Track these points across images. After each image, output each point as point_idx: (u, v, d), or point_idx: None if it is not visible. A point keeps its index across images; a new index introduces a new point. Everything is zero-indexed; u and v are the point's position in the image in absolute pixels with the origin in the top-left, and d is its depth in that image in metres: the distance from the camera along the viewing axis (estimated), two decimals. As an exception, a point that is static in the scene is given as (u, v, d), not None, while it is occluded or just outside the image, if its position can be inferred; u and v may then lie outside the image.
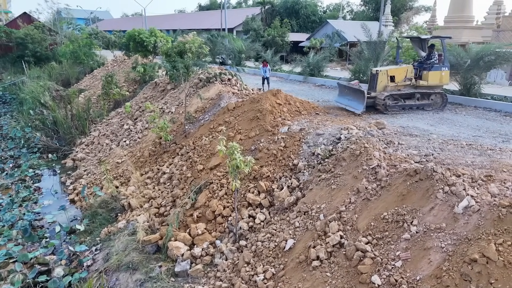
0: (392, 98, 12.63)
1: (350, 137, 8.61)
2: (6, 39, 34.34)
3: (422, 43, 14.11)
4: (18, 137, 18.73)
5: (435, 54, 13.24)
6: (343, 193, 7.09)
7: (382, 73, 12.79)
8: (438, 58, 13.14)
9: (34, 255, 9.25)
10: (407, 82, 12.97)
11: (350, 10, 65.05)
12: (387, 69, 13.10)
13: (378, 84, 12.74)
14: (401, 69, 13.06)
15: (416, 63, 13.77)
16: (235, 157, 7.19)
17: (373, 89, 12.96)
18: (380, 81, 12.76)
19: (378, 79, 12.75)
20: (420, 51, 14.13)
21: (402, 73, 12.94)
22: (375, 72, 13.05)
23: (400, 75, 12.91)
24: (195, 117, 13.10)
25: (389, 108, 12.48)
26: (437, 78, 12.94)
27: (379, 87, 12.76)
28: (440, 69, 12.93)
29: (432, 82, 12.93)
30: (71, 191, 13.14)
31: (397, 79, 12.87)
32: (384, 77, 12.79)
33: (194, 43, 16.42)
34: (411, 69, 13.05)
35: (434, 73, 12.88)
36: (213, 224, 8.48)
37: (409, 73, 12.96)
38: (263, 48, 33.56)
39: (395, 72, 12.91)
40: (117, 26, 58.78)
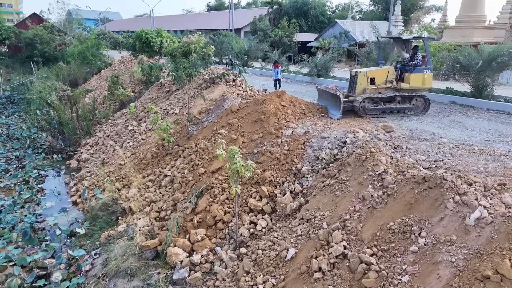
0: (372, 101, 11.99)
1: (356, 141, 8.29)
2: (15, 39, 34.62)
3: (405, 44, 13.43)
4: (24, 138, 18.75)
5: (418, 56, 12.62)
6: (348, 200, 6.78)
7: (362, 75, 12.17)
8: (422, 60, 12.54)
9: (33, 259, 9.11)
10: (388, 85, 12.34)
11: (359, 10, 64.44)
12: (366, 70, 12.48)
13: (357, 87, 12.12)
14: (381, 70, 12.44)
15: (399, 65, 13.16)
16: (235, 162, 6.93)
17: (352, 91, 12.35)
18: (360, 83, 12.13)
19: (358, 81, 12.13)
20: (403, 52, 13.44)
21: (383, 75, 12.33)
22: (354, 73, 12.44)
23: (380, 77, 12.30)
24: (199, 119, 12.89)
25: (368, 111, 11.85)
26: (419, 81, 12.31)
27: (358, 90, 12.14)
28: (422, 72, 12.31)
29: (414, 85, 12.29)
30: (74, 192, 13.02)
31: (378, 81, 12.26)
32: (364, 79, 12.16)
33: (199, 44, 16.20)
34: (392, 71, 12.43)
35: (416, 75, 12.25)
36: (214, 230, 8.23)
37: (390, 75, 12.33)
38: (270, 48, 33.27)
39: (376, 74, 12.29)
40: (126, 26, 58.99)
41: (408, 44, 13.38)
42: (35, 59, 33.78)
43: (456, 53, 15.81)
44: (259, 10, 56.50)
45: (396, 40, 14.18)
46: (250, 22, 46.83)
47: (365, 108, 11.80)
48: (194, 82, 14.72)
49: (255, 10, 58.88)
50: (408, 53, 13.20)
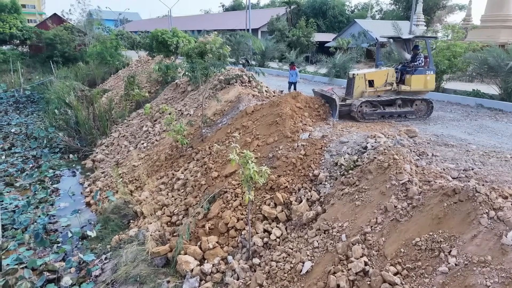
0: (370, 105, 11.29)
1: (378, 147, 7.80)
2: (36, 39, 35.25)
3: (406, 44, 12.66)
4: (41, 137, 18.91)
5: (420, 56, 11.85)
6: (369, 211, 6.32)
7: (359, 77, 11.47)
8: (424, 61, 11.79)
9: (43, 261, 9.00)
10: (388, 87, 11.62)
11: (379, 9, 63.17)
12: (365, 72, 11.80)
13: (354, 90, 11.44)
14: (381, 72, 11.71)
15: (400, 66, 12.41)
16: (248, 167, 6.57)
17: (350, 94, 11.67)
18: (357, 86, 11.44)
19: (355, 83, 11.45)
20: (404, 52, 12.64)
21: (382, 77, 11.60)
22: (351, 75, 11.76)
23: (379, 79, 11.59)
24: (213, 120, 12.60)
25: (366, 116, 11.16)
26: (421, 83, 11.58)
27: (356, 93, 11.46)
28: (424, 73, 11.54)
29: (416, 87, 11.57)
30: (88, 193, 12.95)
31: (377, 83, 11.56)
32: (362, 81, 11.46)
33: (215, 44, 15.96)
34: (392, 73, 11.69)
35: (418, 77, 11.51)
36: (226, 237, 7.90)
37: (390, 77, 11.61)
38: (287, 48, 32.80)
39: (374, 76, 11.59)
40: (144, 27, 59.55)
41: (409, 44, 12.64)
42: (55, 59, 34.32)
43: (483, 54, 15.01)
44: (277, 10, 56.08)
45: (396, 40, 13.37)
46: (268, 22, 46.45)
47: (363, 113, 11.13)
48: (209, 83, 14.45)
49: (272, 10, 58.48)
50: (409, 53, 12.46)
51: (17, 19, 34.30)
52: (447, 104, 14.80)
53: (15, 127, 21.24)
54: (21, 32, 34.46)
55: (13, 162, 15.74)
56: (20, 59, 34.03)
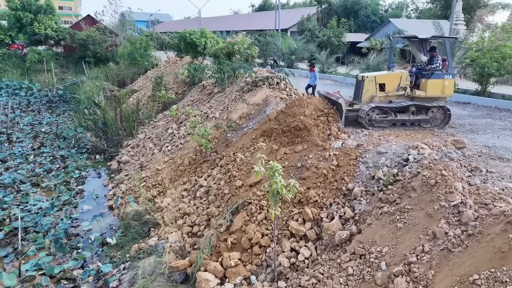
0: (380, 111, 10.19)
1: (421, 159, 6.92)
2: (70, 40, 36.11)
3: (422, 44, 11.44)
4: (70, 137, 19.05)
5: (438, 59, 10.62)
6: (413, 236, 5.50)
7: (369, 80, 10.38)
8: (442, 64, 10.57)
9: (62, 268, 8.75)
10: (401, 92, 10.49)
11: (415, 8, 60.61)
12: (375, 75, 10.65)
13: (363, 94, 10.39)
14: (393, 75, 10.58)
15: (415, 68, 11.20)
16: (275, 180, 5.90)
17: (358, 99, 10.62)
18: (367, 90, 10.36)
19: (364, 87, 10.37)
20: (420, 54, 11.44)
21: (395, 80, 10.47)
22: (360, 78, 10.67)
23: (391, 83, 10.46)
24: (239, 124, 12.02)
25: (375, 123, 10.08)
26: (438, 89, 10.34)
27: (365, 97, 10.41)
28: (442, 77, 10.31)
29: (432, 93, 10.34)
30: (111, 196, 12.70)
31: (388, 88, 10.44)
32: (372, 85, 10.37)
33: (243, 44, 15.39)
34: (406, 76, 10.53)
35: (435, 81, 10.28)
36: (249, 254, 7.26)
37: (403, 81, 10.46)
38: (317, 49, 31.84)
39: (386, 79, 10.47)
40: (175, 28, 60.13)
41: (426, 44, 11.45)
42: (87, 59, 35.00)
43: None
44: (307, 9, 55.03)
45: (411, 40, 12.12)
46: (297, 22, 45.55)
47: (372, 119, 10.09)
48: (235, 85, 13.88)
49: (302, 9, 57.48)
50: (425, 55, 11.26)
51: (52, 20, 35.25)
52: (494, 110, 13.50)
53: (46, 126, 21.58)
54: (55, 33, 35.40)
55: (41, 162, 15.84)
56: (54, 59, 34.96)
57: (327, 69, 28.03)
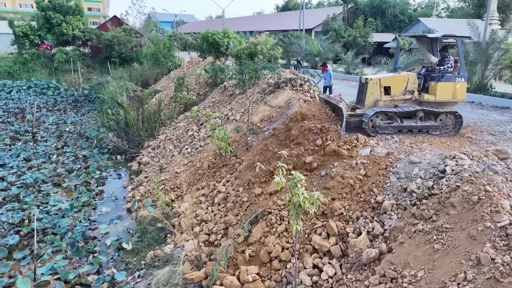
0: (385, 116, 9.33)
1: (461, 172, 6.24)
2: (96, 41, 36.79)
3: (432, 44, 10.49)
4: (92, 137, 19.17)
5: (450, 60, 9.68)
6: (453, 260, 4.87)
7: (373, 83, 9.54)
8: (454, 66, 9.64)
9: (77, 273, 8.55)
10: (408, 96, 9.63)
11: (446, 7, 58.45)
12: (379, 77, 9.81)
13: (367, 97, 9.59)
14: (399, 78, 9.72)
15: (423, 70, 10.31)
16: (297, 192, 5.41)
17: (361, 103, 9.83)
18: (370, 93, 9.55)
19: (368, 90, 9.57)
20: (430, 55, 10.51)
21: (401, 83, 9.63)
22: (364, 81, 9.86)
23: (398, 86, 9.61)
24: (260, 127, 11.57)
25: (379, 129, 9.24)
26: (448, 92, 9.42)
27: (369, 101, 9.60)
28: (453, 80, 9.37)
29: (442, 97, 9.44)
30: (130, 198, 12.54)
31: (394, 91, 9.58)
32: (376, 88, 9.52)
33: (266, 45, 14.93)
34: (413, 79, 9.66)
35: (445, 85, 9.35)
36: (268, 269, 6.79)
37: (410, 83, 9.61)
38: (343, 49, 30.98)
39: (391, 82, 9.63)
40: (199, 28, 60.42)
41: (436, 44, 10.51)
42: (112, 60, 35.53)
43: None
44: (332, 9, 54.02)
45: (420, 39, 11.19)
46: (322, 22, 44.71)
47: (375, 126, 9.27)
48: (257, 86, 13.44)
49: (327, 9, 56.50)
50: (436, 56, 10.36)
51: (80, 21, 36.02)
52: (537, 115, 12.47)
53: (70, 125, 21.87)
54: (83, 33, 36.14)
55: (63, 161, 15.93)
56: (81, 60, 35.69)
57: (352, 70, 27.19)
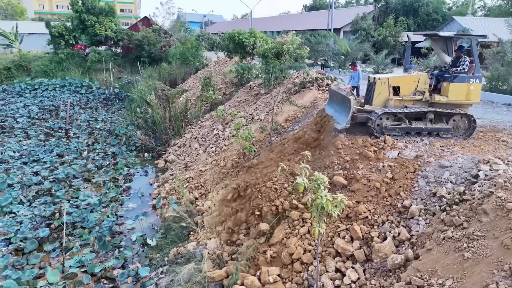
0: (393, 117, 8.91)
1: (495, 177, 5.92)
2: (127, 41, 37.81)
3: (447, 44, 9.90)
4: (121, 134, 19.69)
5: (465, 60, 9.07)
6: (484, 269, 4.62)
7: (381, 82, 9.11)
8: (470, 66, 9.01)
9: (103, 267, 8.80)
10: (418, 97, 9.12)
11: (483, 5, 55.99)
12: (388, 77, 9.40)
13: (375, 97, 9.19)
14: (409, 78, 9.24)
15: (436, 70, 9.74)
16: (320, 195, 5.29)
17: (369, 102, 9.44)
18: (378, 93, 9.13)
19: (376, 90, 9.16)
20: (444, 54, 9.93)
21: (411, 83, 9.15)
22: (372, 80, 9.45)
23: (407, 87, 9.14)
24: (284, 127, 11.48)
25: (386, 131, 8.81)
26: (461, 94, 8.86)
27: (377, 101, 9.20)
28: (467, 81, 8.80)
29: (454, 99, 8.89)
30: (156, 195, 12.77)
31: (403, 91, 9.12)
32: (384, 87, 9.10)
33: (292, 44, 14.76)
34: (424, 79, 9.13)
35: (458, 85, 8.80)
36: (289, 271, 6.70)
37: (421, 84, 9.09)
38: (372, 49, 30.28)
39: (401, 82, 9.18)
40: (226, 28, 60.94)
41: (451, 44, 9.92)
42: (142, 59, 36.40)
43: None
44: (361, 8, 52.96)
45: (434, 38, 10.63)
46: (351, 21, 43.91)
47: (382, 126, 8.87)
48: (282, 86, 13.32)
49: (356, 8, 55.46)
50: (450, 55, 9.77)
51: (113, 21, 37.14)
52: None
53: (101, 123, 22.57)
54: (115, 34, 37.24)
55: (93, 157, 16.46)
56: (112, 59, 36.81)
57: (382, 71, 26.54)
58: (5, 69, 34.83)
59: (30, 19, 67.90)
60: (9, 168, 14.49)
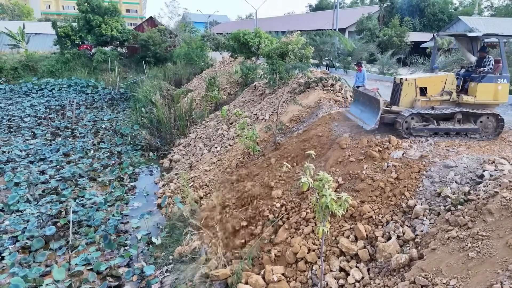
0: (421, 118, 8.90)
1: (500, 177, 5.91)
2: (133, 41, 38.00)
3: (472, 43, 9.89)
4: (127, 134, 19.81)
5: (489, 60, 9.10)
6: (489, 269, 4.61)
7: (408, 83, 9.13)
8: (495, 66, 9.00)
9: (109, 265, 8.87)
10: (445, 97, 9.12)
11: (489, 5, 55.59)
12: (415, 77, 9.39)
13: (401, 98, 9.21)
14: (436, 78, 9.24)
15: (463, 71, 9.74)
16: (325, 194, 5.32)
17: (395, 103, 9.48)
18: (405, 94, 9.17)
19: (402, 90, 9.18)
20: (469, 54, 9.93)
21: (438, 84, 9.16)
22: (398, 81, 9.47)
23: (435, 87, 9.16)
24: (289, 127, 11.50)
25: (414, 131, 8.83)
26: (489, 94, 8.87)
27: (404, 102, 9.23)
28: (495, 81, 8.80)
29: (482, 99, 8.90)
30: (161, 194, 12.85)
31: (431, 91, 9.14)
32: (411, 88, 9.13)
33: (297, 44, 14.78)
34: (452, 79, 9.14)
35: (486, 86, 8.81)
36: (294, 270, 6.73)
37: (448, 84, 9.10)
38: (377, 49, 30.19)
39: (428, 82, 9.19)
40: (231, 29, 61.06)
41: (477, 44, 9.93)
42: (147, 59, 36.56)
43: None
44: (366, 8, 52.84)
45: (459, 38, 10.59)
46: (356, 22, 43.82)
47: (410, 127, 8.88)
48: (287, 86, 13.35)
49: (361, 9, 55.33)
50: (475, 55, 9.79)
51: (118, 22, 37.35)
52: None
53: (106, 122, 22.72)
54: (120, 34, 37.45)
55: (99, 157, 16.57)
56: (118, 59, 37.02)
57: (387, 71, 26.48)
58: (12, 69, 35.15)
59: (37, 19, 68.46)
60: (16, 167, 14.65)
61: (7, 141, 18.11)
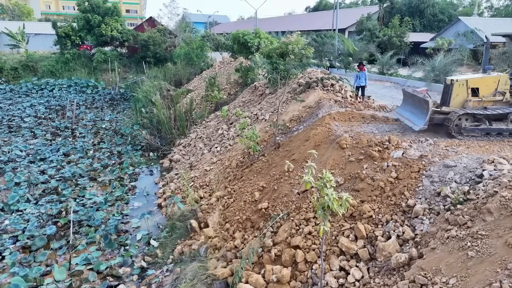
0: (473, 118, 8.95)
1: (499, 177, 5.93)
2: (133, 41, 37.99)
3: None
4: (127, 134, 19.82)
5: None
6: (488, 268, 4.63)
7: (460, 84, 9.18)
8: None
9: (109, 265, 8.88)
10: (498, 98, 9.16)
11: (489, 6, 55.61)
12: (467, 78, 9.41)
13: (452, 99, 9.26)
14: (489, 79, 9.27)
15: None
16: (326, 193, 5.33)
17: (446, 104, 9.51)
18: (456, 95, 9.22)
19: (453, 91, 9.22)
20: None
21: (491, 84, 9.20)
22: (449, 81, 9.50)
23: (487, 88, 9.20)
24: (289, 127, 11.51)
25: (465, 131, 8.89)
26: None
27: (454, 102, 9.28)
28: None
29: None
30: (161, 194, 12.86)
31: (483, 92, 9.18)
32: (462, 89, 9.18)
33: (297, 44, 14.84)
34: (505, 80, 9.17)
35: None
36: (294, 269, 6.74)
37: (501, 84, 9.14)
38: (377, 49, 30.21)
39: (480, 83, 9.23)
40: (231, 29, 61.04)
41: None
42: (147, 60, 36.55)
43: None
44: (367, 9, 52.88)
45: None
46: (356, 22, 43.84)
47: (461, 127, 8.94)
48: (287, 86, 13.37)
49: (361, 9, 55.37)
50: None
51: (118, 22, 37.31)
52: None
53: (107, 123, 22.73)
54: (120, 34, 37.43)
55: (99, 157, 16.59)
56: (118, 59, 37.01)
57: (387, 71, 26.49)
58: (12, 69, 35.15)
59: (37, 19, 68.45)
60: (16, 167, 14.66)
61: (7, 141, 18.12)
